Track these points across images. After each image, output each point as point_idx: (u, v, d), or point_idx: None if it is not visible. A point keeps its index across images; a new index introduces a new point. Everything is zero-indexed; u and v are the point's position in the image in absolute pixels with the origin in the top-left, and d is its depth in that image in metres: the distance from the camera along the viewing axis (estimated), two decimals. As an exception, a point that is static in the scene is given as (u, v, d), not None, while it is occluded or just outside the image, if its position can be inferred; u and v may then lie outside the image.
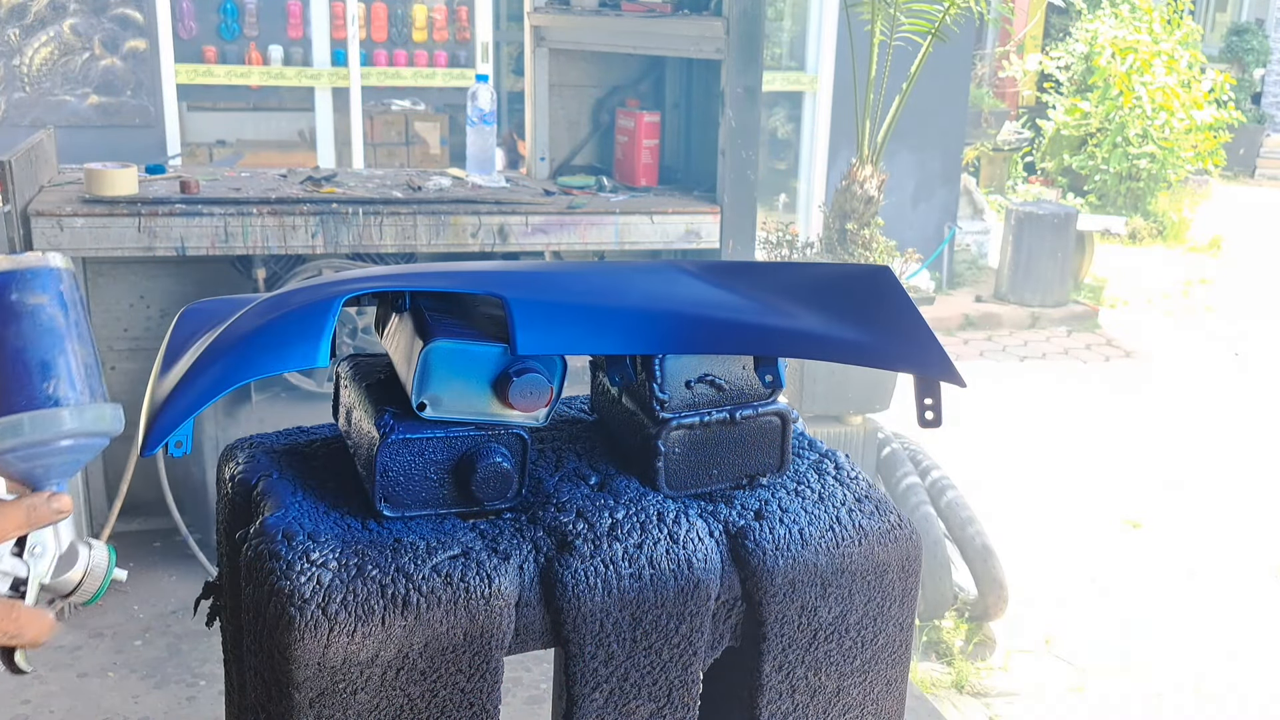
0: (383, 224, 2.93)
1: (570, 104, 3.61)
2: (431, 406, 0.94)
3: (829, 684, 1.04)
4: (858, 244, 3.90)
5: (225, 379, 0.91)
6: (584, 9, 3.47)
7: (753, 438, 1.05)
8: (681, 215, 3.11)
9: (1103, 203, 10.11)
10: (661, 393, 1.00)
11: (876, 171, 3.90)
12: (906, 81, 3.85)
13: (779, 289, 1.07)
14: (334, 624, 0.85)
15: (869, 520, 1.04)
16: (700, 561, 0.96)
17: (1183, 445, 5.14)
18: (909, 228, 7.10)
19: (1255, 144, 13.45)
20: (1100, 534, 4.18)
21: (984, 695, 3.11)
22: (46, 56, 5.34)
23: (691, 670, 0.98)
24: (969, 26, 5.97)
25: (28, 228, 2.69)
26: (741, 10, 2.98)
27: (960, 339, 6.80)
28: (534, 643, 0.94)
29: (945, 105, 7.08)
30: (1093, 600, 3.66)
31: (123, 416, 0.86)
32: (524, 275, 1.09)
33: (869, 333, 1.02)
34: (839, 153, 6.58)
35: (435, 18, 6.50)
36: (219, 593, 1.10)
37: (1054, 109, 10.45)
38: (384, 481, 0.94)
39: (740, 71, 3.02)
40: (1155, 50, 9.81)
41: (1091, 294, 7.79)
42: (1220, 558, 4.01)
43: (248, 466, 1.06)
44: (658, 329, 0.98)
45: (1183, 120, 9.62)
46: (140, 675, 2.73)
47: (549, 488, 1.03)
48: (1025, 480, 4.64)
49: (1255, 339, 6.95)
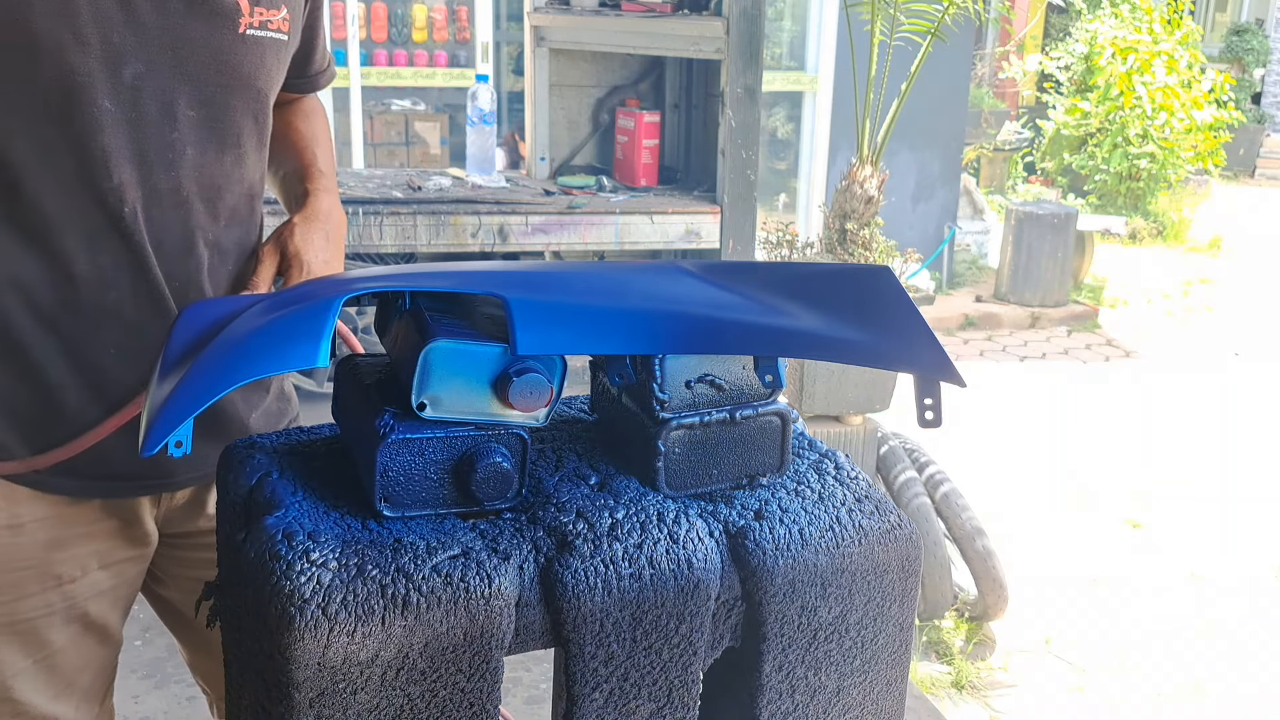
0: (383, 224, 2.93)
1: (570, 104, 3.61)
2: (431, 406, 0.94)
3: (829, 684, 1.04)
4: (858, 244, 3.90)
5: (225, 379, 0.91)
6: (584, 9, 3.47)
7: (753, 438, 1.05)
8: (681, 215, 3.11)
9: (1103, 203, 10.12)
10: (661, 393, 1.00)
11: (876, 171, 3.90)
12: (906, 81, 3.85)
13: (779, 289, 1.07)
14: (334, 624, 0.85)
15: (869, 520, 1.04)
16: (700, 561, 0.96)
17: (1183, 445, 5.14)
18: (909, 228, 7.10)
19: (1255, 144, 13.46)
20: (1100, 534, 4.18)
21: (984, 695, 3.11)
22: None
23: (691, 670, 0.98)
24: (969, 26, 5.97)
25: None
26: (741, 10, 2.98)
27: (960, 339, 6.80)
28: (534, 643, 0.94)
29: (945, 105, 7.09)
30: (1093, 600, 3.66)
31: None
32: (524, 275, 1.09)
33: (869, 333, 1.02)
34: (839, 153, 6.59)
35: (435, 18, 6.50)
36: (219, 593, 1.10)
37: (1054, 109, 10.46)
38: (384, 481, 0.94)
39: (740, 71, 3.02)
40: (1155, 50, 9.82)
41: (1091, 294, 7.80)
42: (1221, 558, 4.01)
43: (248, 466, 1.06)
44: (658, 329, 0.98)
45: (1183, 120, 9.63)
46: (140, 675, 2.73)
47: (549, 488, 1.03)
48: (1025, 480, 4.64)
49: (1255, 339, 6.95)
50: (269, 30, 1.33)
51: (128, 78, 1.23)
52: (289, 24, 1.37)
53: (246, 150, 1.38)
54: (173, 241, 1.32)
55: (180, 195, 1.31)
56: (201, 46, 1.27)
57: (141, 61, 1.23)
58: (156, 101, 1.26)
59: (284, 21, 1.36)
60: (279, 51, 1.37)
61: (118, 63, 1.22)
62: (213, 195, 1.35)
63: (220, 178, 1.35)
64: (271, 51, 1.35)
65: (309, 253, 1.39)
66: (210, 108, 1.31)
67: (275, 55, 1.37)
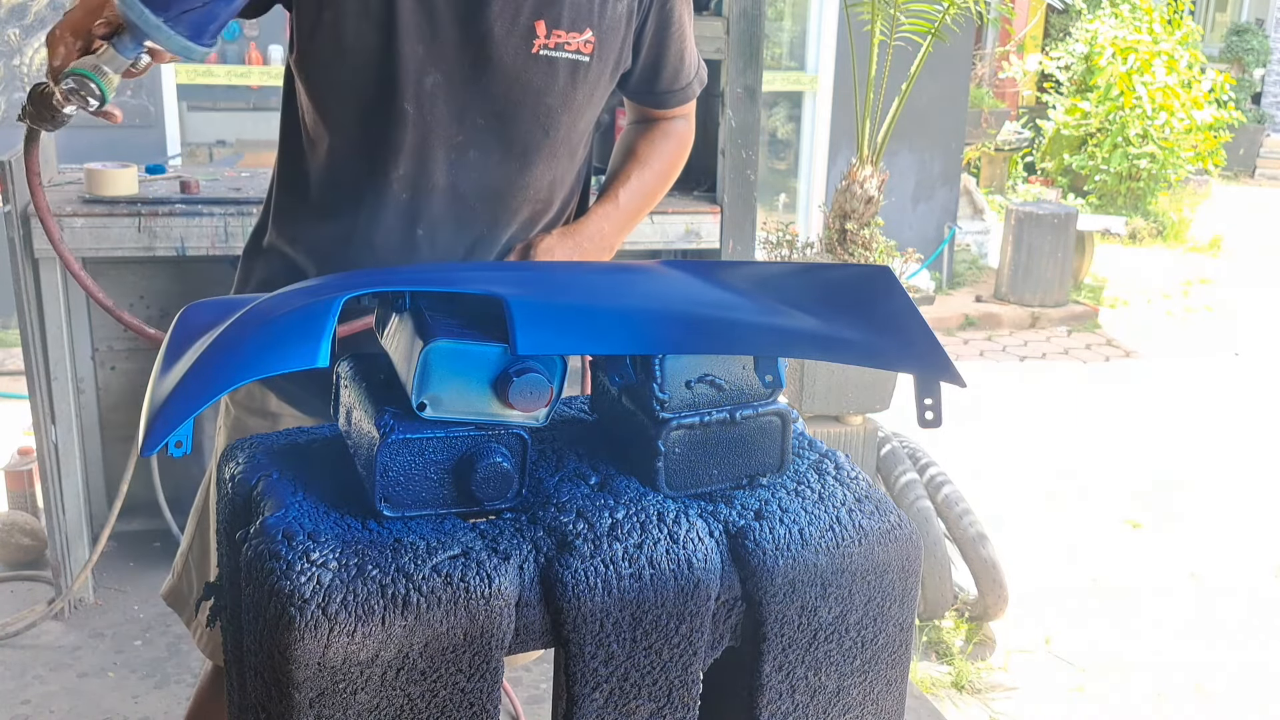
0: (383, 224, 2.94)
1: (570, 104, 3.61)
2: (431, 406, 0.94)
3: (829, 684, 1.04)
4: (858, 244, 3.90)
5: (225, 379, 0.91)
6: (584, 9, 3.47)
7: (753, 438, 1.05)
8: (681, 215, 3.11)
9: (1103, 203, 10.11)
10: (661, 393, 1.00)
11: (876, 171, 3.90)
12: (906, 81, 3.85)
13: (779, 289, 1.07)
14: (334, 624, 0.85)
15: (869, 520, 1.04)
16: (700, 561, 0.96)
17: (1183, 445, 5.14)
18: (909, 228, 7.10)
19: (1255, 144, 13.45)
20: (1100, 534, 4.18)
21: (984, 695, 3.11)
22: (47, 56, 5.34)
23: (691, 670, 0.98)
24: (969, 26, 5.97)
25: (28, 228, 2.69)
26: (741, 10, 2.98)
27: (960, 339, 6.80)
28: (534, 643, 0.94)
29: (945, 105, 7.08)
30: (1093, 600, 3.66)
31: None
32: (524, 275, 1.09)
33: (869, 333, 1.02)
34: (839, 153, 6.58)
35: (435, 18, 6.50)
36: (219, 593, 1.10)
37: (1054, 109, 10.46)
38: (384, 481, 0.94)
39: (740, 71, 3.02)
40: (1155, 50, 9.81)
41: (1091, 294, 7.80)
42: (1221, 558, 4.01)
43: (248, 466, 1.06)
44: (658, 329, 0.98)
45: (1183, 120, 9.62)
46: (140, 675, 2.73)
47: (549, 488, 1.03)
48: (1025, 480, 4.64)
49: (1255, 339, 6.95)
50: (565, 52, 1.45)
51: (428, 85, 1.41)
52: (593, 46, 1.47)
53: (534, 160, 1.49)
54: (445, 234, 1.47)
55: (456, 192, 1.45)
56: (495, 64, 1.42)
57: (441, 73, 1.41)
58: (449, 108, 1.42)
59: (586, 44, 1.46)
60: (575, 72, 1.47)
61: (421, 72, 1.40)
62: (489, 196, 1.47)
63: (500, 182, 1.47)
64: (566, 71, 1.46)
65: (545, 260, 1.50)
66: (500, 119, 1.44)
67: (570, 75, 1.46)
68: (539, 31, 1.42)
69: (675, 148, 1.74)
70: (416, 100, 1.41)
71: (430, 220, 1.46)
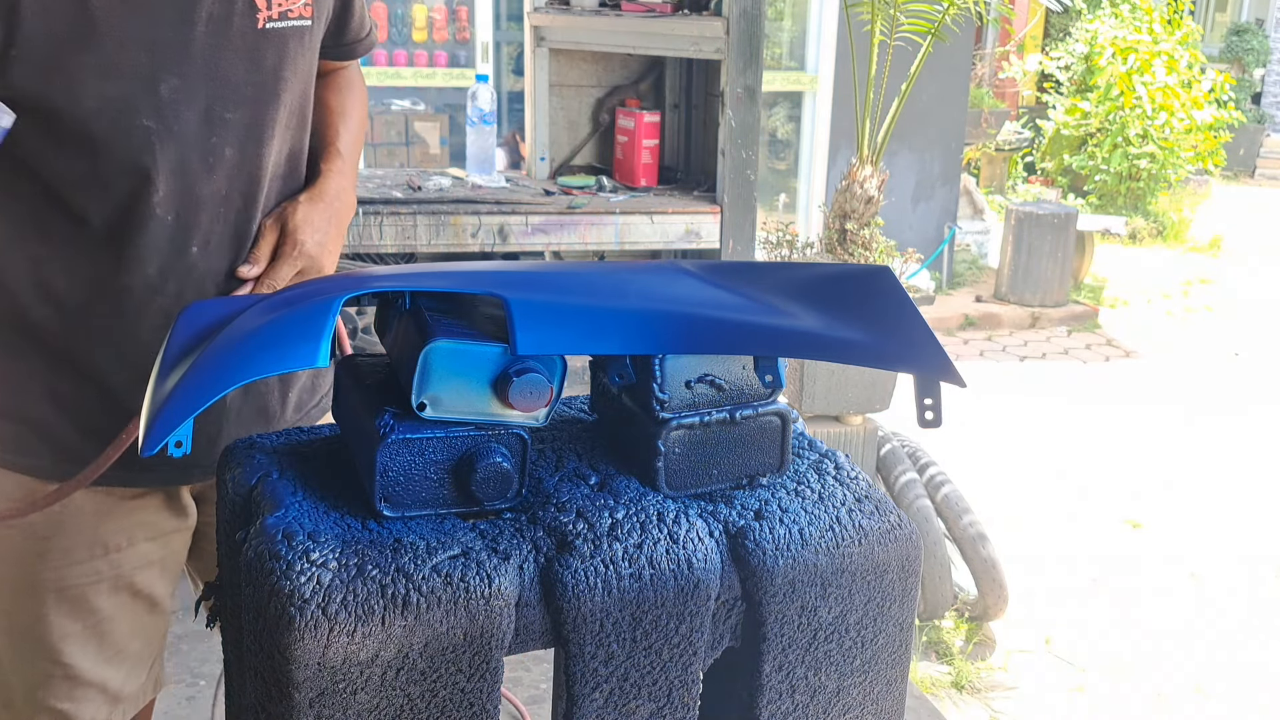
0: (382, 224, 2.93)
1: (570, 104, 3.61)
2: (431, 406, 0.94)
3: (829, 684, 1.04)
4: (858, 244, 3.90)
5: (225, 379, 0.91)
6: (584, 9, 3.47)
7: (753, 438, 1.05)
8: (681, 215, 3.11)
9: (1103, 203, 10.11)
10: (661, 393, 1.00)
11: (876, 171, 3.90)
12: (906, 81, 3.85)
13: (779, 289, 1.07)
14: (334, 624, 0.85)
15: (869, 520, 1.04)
16: (700, 561, 0.96)
17: (1183, 445, 5.14)
18: (909, 228, 7.10)
19: (1255, 144, 13.45)
20: (1100, 534, 4.18)
21: (984, 695, 3.11)
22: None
23: (691, 670, 0.98)
24: (969, 26, 5.97)
25: None
26: (741, 10, 2.98)
27: (960, 339, 6.80)
28: (534, 643, 0.94)
29: (945, 105, 7.08)
30: (1092, 600, 3.66)
31: None
32: (524, 275, 1.09)
33: (869, 333, 1.02)
34: (839, 153, 6.58)
35: (435, 18, 6.50)
36: (219, 593, 1.10)
37: (1054, 109, 10.46)
38: (384, 481, 0.94)
39: (740, 71, 3.02)
40: (1155, 50, 9.81)
41: (1091, 294, 7.80)
42: (1221, 558, 4.01)
43: (247, 466, 1.06)
44: (658, 329, 0.98)
45: (1183, 120, 9.62)
46: (140, 675, 2.73)
47: (549, 488, 1.03)
48: (1025, 480, 4.64)
49: (1255, 339, 6.95)
50: (289, 20, 1.35)
51: (165, 94, 1.26)
52: (311, 7, 1.39)
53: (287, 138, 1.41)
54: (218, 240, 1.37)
55: (221, 195, 1.35)
56: (226, 50, 1.30)
57: (176, 75, 1.27)
58: (195, 111, 1.29)
59: (305, 7, 1.38)
60: (302, 38, 1.39)
61: (153, 81, 1.25)
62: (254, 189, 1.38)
63: (259, 171, 1.38)
64: (294, 40, 1.37)
65: (306, 232, 1.42)
66: (245, 107, 1.34)
67: (299, 43, 1.38)
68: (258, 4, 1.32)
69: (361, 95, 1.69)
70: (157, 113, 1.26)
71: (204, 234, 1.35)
